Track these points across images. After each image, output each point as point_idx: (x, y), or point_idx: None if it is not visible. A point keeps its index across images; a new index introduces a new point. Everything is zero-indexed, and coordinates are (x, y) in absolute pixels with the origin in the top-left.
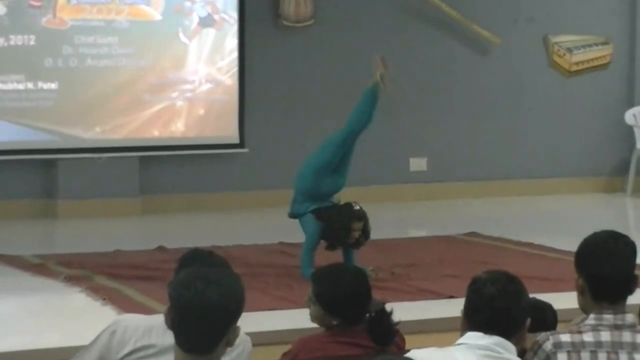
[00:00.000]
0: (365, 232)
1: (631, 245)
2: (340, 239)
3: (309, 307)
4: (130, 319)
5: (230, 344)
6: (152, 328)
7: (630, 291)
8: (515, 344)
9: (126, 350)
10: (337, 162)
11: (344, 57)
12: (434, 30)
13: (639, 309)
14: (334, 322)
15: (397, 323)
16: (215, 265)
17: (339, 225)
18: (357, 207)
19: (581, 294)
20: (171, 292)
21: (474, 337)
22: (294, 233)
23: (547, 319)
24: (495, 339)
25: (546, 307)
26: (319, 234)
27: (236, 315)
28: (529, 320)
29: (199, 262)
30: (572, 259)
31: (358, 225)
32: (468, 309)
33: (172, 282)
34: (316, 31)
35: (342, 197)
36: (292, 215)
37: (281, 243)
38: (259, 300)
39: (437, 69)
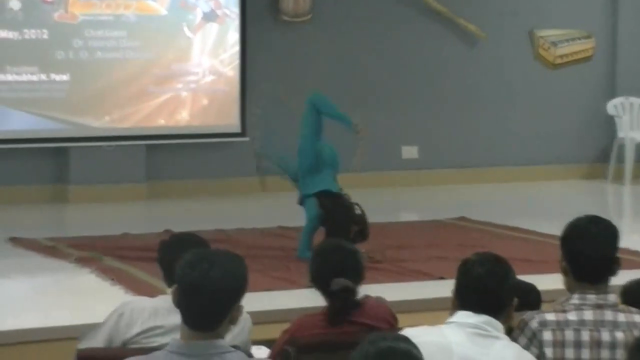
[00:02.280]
0: (363, 234)
1: (612, 229)
2: (337, 236)
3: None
4: (136, 301)
5: (233, 322)
6: (158, 310)
7: (612, 272)
8: (502, 322)
9: (134, 332)
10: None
11: (340, 50)
12: (426, 23)
13: (620, 290)
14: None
15: (358, 303)
16: (199, 245)
17: (338, 226)
18: (359, 212)
19: (565, 275)
20: (178, 272)
21: (463, 316)
22: (292, 217)
23: (531, 299)
24: (484, 318)
25: (530, 288)
26: (319, 219)
27: (239, 295)
28: (515, 300)
29: (183, 246)
30: (556, 242)
31: (355, 228)
32: (458, 289)
33: (180, 262)
34: (314, 25)
35: (340, 183)
36: (301, 201)
37: (280, 227)
38: (258, 281)
39: (428, 61)
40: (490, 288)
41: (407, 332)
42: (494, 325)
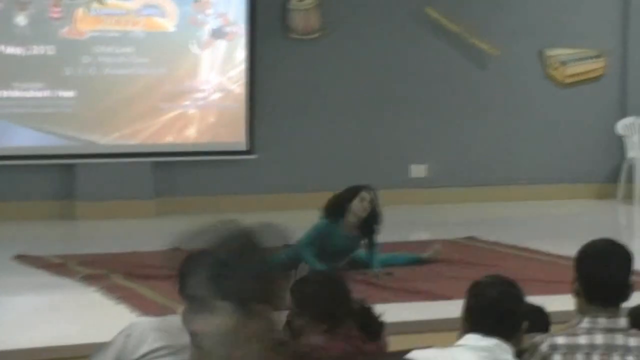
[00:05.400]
0: (375, 212)
1: (627, 254)
2: (347, 208)
3: None
4: (144, 322)
5: None
6: (167, 329)
7: (625, 297)
8: (512, 345)
9: (142, 352)
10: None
11: (349, 68)
12: (436, 41)
13: (627, 312)
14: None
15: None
16: None
17: (348, 195)
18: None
19: (577, 296)
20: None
21: (473, 339)
22: (299, 234)
23: (539, 321)
24: (494, 341)
25: (537, 310)
26: (321, 227)
27: None
28: (526, 323)
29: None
30: (565, 262)
31: (366, 195)
32: (469, 312)
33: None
34: (322, 43)
35: None
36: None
37: (287, 245)
38: None
39: (438, 79)
40: (504, 311)
41: (416, 354)
42: (504, 349)
